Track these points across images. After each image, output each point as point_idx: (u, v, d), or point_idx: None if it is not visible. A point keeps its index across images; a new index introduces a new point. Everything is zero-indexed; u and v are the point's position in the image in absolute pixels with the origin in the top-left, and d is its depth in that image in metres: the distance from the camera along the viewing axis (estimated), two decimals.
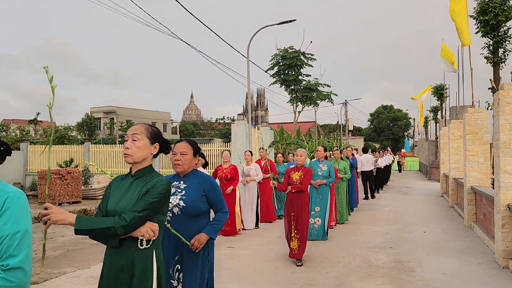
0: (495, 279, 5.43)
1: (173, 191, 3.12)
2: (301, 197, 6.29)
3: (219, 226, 3.25)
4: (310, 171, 6.44)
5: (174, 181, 3.24)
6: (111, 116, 53.49)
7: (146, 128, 2.54)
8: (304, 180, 6.28)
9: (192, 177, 3.25)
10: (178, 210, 3.13)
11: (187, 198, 3.14)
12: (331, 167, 7.90)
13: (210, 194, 3.23)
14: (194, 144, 3.29)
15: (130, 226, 2.25)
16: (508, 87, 5.94)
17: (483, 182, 9.08)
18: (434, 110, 29.05)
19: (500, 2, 12.97)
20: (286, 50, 21.39)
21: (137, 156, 2.46)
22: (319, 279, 5.47)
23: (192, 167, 3.27)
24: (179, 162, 3.18)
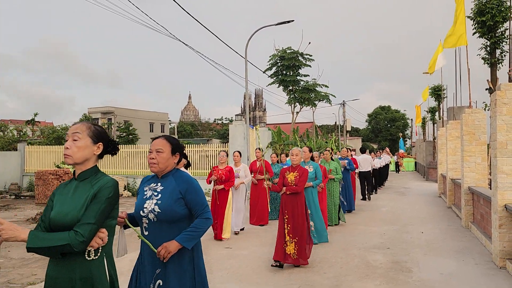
0: (492, 279, 5.44)
1: (149, 194, 2.87)
2: (296, 199, 6.00)
3: (195, 233, 2.81)
4: (306, 171, 6.15)
5: (151, 183, 2.94)
6: (109, 117, 53.37)
7: (88, 126, 2.38)
8: (299, 181, 6.00)
9: (170, 178, 2.91)
10: (153, 216, 2.79)
11: (162, 202, 2.79)
12: (318, 168, 7.54)
13: (188, 196, 2.84)
14: (173, 140, 2.97)
15: (88, 241, 2.14)
16: (505, 87, 5.95)
17: (480, 183, 9.10)
18: (432, 110, 29.12)
19: (497, 3, 13.01)
20: (284, 50, 21.43)
21: (77, 157, 2.29)
22: (317, 279, 5.47)
23: (171, 167, 2.93)
24: (154, 161, 2.85)
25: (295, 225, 5.93)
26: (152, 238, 2.79)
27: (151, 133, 57.28)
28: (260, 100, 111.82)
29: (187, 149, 17.25)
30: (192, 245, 2.82)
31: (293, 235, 5.93)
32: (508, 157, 5.90)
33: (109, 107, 55.50)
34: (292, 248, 5.90)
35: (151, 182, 2.95)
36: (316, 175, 7.45)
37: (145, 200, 2.85)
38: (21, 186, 19.71)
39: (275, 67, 21.79)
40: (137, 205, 2.88)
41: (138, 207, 2.86)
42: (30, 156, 20.13)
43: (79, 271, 2.17)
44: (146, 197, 2.86)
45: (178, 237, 2.75)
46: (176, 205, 2.80)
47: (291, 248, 5.91)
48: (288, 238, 5.92)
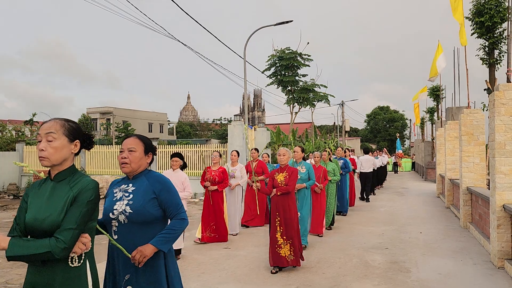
0: (491, 279, 5.45)
1: (119, 195, 2.70)
2: (287, 200, 5.80)
3: (171, 235, 2.67)
4: (296, 171, 5.93)
5: (122, 184, 2.78)
6: (108, 117, 53.35)
7: (62, 124, 2.21)
8: (289, 181, 5.80)
9: (143, 179, 2.75)
10: (124, 218, 2.63)
11: (134, 203, 2.64)
12: (310, 169, 7.14)
13: (162, 196, 2.69)
14: (145, 140, 2.83)
15: (70, 247, 2.03)
16: (504, 88, 5.96)
17: (478, 183, 9.11)
18: (430, 111, 29.18)
19: (496, 4, 13.05)
20: (283, 51, 21.46)
21: (55, 159, 2.15)
22: (315, 279, 5.47)
23: (143, 167, 2.79)
24: (126, 161, 2.69)
25: (289, 227, 5.75)
26: (122, 241, 2.62)
27: (150, 133, 57.25)
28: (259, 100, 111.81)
29: (186, 149, 17.24)
30: (169, 248, 2.68)
31: (287, 237, 5.74)
32: (507, 158, 5.91)
33: (108, 107, 55.46)
34: (287, 250, 5.73)
35: (121, 184, 2.79)
36: (309, 176, 7.08)
37: (115, 202, 2.70)
38: (19, 186, 19.69)
39: (274, 67, 21.83)
40: (105, 208, 2.71)
41: (106, 209, 2.70)
42: (29, 156, 20.10)
43: (60, 278, 2.07)
44: (116, 199, 2.70)
45: (154, 240, 2.61)
46: (149, 206, 2.64)
47: (286, 251, 5.73)
48: (282, 240, 5.73)
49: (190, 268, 6.06)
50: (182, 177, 6.50)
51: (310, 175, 7.09)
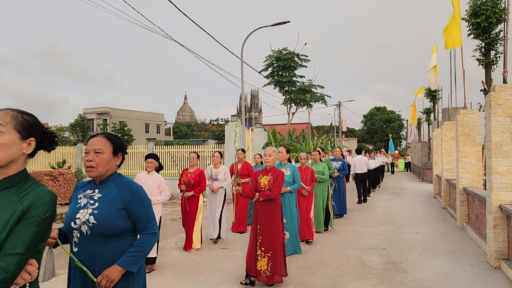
0: (487, 279, 5.46)
1: (84, 202, 2.36)
2: (269, 207, 5.19)
3: (141, 253, 2.36)
4: (282, 174, 5.31)
5: (87, 189, 2.45)
6: (104, 117, 53.26)
7: (13, 116, 1.77)
8: (273, 186, 5.19)
9: (111, 184, 2.42)
10: (87, 229, 2.29)
11: (99, 212, 2.30)
12: (296, 171, 6.64)
13: (132, 207, 2.36)
14: (114, 139, 2.48)
15: (13, 277, 1.60)
16: (500, 89, 5.98)
17: (475, 183, 9.14)
18: (427, 111, 29.24)
19: (492, 5, 13.11)
20: (280, 51, 21.48)
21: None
22: (312, 280, 5.47)
23: (112, 170, 2.46)
24: (91, 164, 2.35)
25: (270, 237, 5.14)
26: (83, 255, 2.30)
27: (147, 133, 57.17)
28: (256, 101, 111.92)
29: (184, 149, 17.22)
30: (138, 267, 2.37)
31: (266, 248, 5.12)
32: (503, 158, 5.93)
33: (104, 108, 55.37)
34: (264, 264, 5.10)
35: (86, 188, 2.46)
36: (294, 179, 6.58)
37: (78, 209, 2.36)
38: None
39: (271, 68, 21.84)
40: (68, 215, 2.39)
41: (69, 217, 2.37)
42: None
43: None
44: (80, 206, 2.37)
45: (121, 260, 2.29)
46: (116, 217, 2.32)
47: (262, 264, 5.10)
48: (259, 252, 5.13)
49: (188, 269, 6.05)
50: (158, 180, 6.10)
51: (295, 178, 6.59)
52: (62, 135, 31.73)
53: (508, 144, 5.91)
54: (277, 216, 5.23)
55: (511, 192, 5.89)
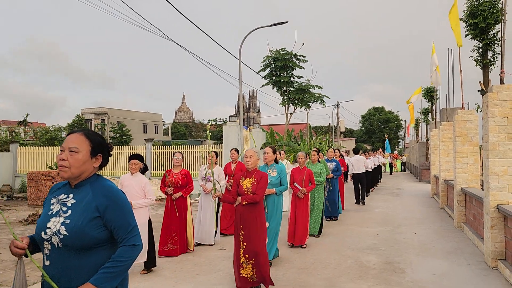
0: (484, 279, 5.48)
1: (56, 209, 2.11)
2: (253, 211, 4.92)
3: (118, 268, 2.06)
4: (265, 176, 5.05)
5: (61, 193, 2.17)
6: (102, 118, 53.18)
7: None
8: (257, 188, 4.93)
9: (87, 189, 2.15)
10: (58, 241, 2.03)
11: (71, 222, 2.03)
12: (283, 172, 6.31)
13: (109, 215, 2.09)
14: (93, 137, 2.22)
15: None
16: (497, 89, 6.00)
17: (472, 184, 9.16)
18: (425, 112, 29.30)
19: (489, 5, 13.14)
20: (278, 52, 21.47)
21: None
22: (310, 280, 5.47)
23: (89, 172, 2.19)
24: (64, 164, 2.10)
25: (254, 243, 4.88)
26: (55, 270, 2.04)
27: (145, 134, 57.13)
28: (254, 101, 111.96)
29: (182, 150, 17.20)
30: (116, 285, 2.09)
31: (249, 255, 4.88)
32: (500, 158, 5.95)
33: (102, 108, 55.32)
34: (250, 270, 4.90)
35: (61, 192, 2.19)
36: (280, 181, 6.26)
37: (49, 217, 2.10)
38: (13, 188, 19.57)
39: (269, 68, 21.83)
40: (38, 223, 2.14)
41: (39, 226, 2.11)
42: (23, 157, 19.99)
43: None
44: (52, 213, 2.11)
45: (94, 278, 2.01)
46: (90, 227, 2.05)
47: (248, 271, 4.90)
48: (243, 259, 4.90)
49: (185, 269, 6.05)
50: (143, 182, 5.82)
51: (281, 180, 6.26)
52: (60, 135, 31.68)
53: (505, 144, 5.93)
54: (260, 221, 4.99)
55: (508, 192, 5.91)
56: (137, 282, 5.46)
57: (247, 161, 5.10)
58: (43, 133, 26.51)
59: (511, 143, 5.92)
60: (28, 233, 9.06)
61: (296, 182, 7.32)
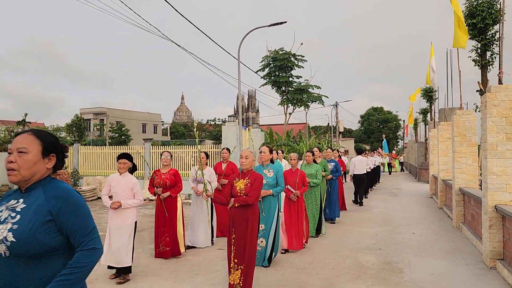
0: (483, 279, 5.49)
1: (4, 216, 1.92)
2: (246, 214, 4.73)
3: (74, 276, 1.86)
4: (260, 177, 4.85)
5: (11, 199, 2.00)
6: (101, 117, 53.17)
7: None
8: (251, 190, 4.74)
9: (39, 192, 1.97)
10: (5, 249, 1.84)
11: (20, 227, 1.85)
12: (279, 173, 6.10)
13: (63, 218, 1.91)
14: (44, 136, 2.04)
15: None
16: (495, 90, 6.01)
17: (471, 184, 9.18)
18: (424, 112, 29.34)
19: (488, 6, 13.16)
20: (277, 51, 21.49)
21: None
22: (309, 280, 5.48)
23: (40, 174, 2.01)
24: (12, 166, 1.94)
25: (244, 247, 4.70)
26: (2, 283, 1.85)
27: (144, 134, 57.12)
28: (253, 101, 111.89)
29: (180, 150, 17.20)
30: None
31: (239, 260, 4.69)
32: (498, 158, 5.96)
33: (101, 108, 55.30)
34: (237, 277, 4.70)
35: (10, 198, 2.02)
36: (277, 181, 6.09)
37: None
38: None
39: (268, 68, 21.85)
40: None
41: None
42: None
43: None
44: (0, 221, 1.92)
45: (49, 287, 1.81)
46: (41, 232, 1.86)
47: (235, 277, 4.70)
48: (233, 263, 4.71)
49: (184, 269, 6.05)
50: (131, 182, 5.64)
51: (278, 181, 6.09)
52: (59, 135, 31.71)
53: (503, 144, 5.94)
54: (254, 224, 4.77)
55: (507, 192, 5.92)
56: (135, 282, 5.46)
57: (242, 161, 4.93)
58: None
59: (509, 143, 5.93)
60: None
61: (289, 185, 7.05)
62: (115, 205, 5.50)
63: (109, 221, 5.62)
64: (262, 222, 5.95)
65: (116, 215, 5.55)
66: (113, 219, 5.58)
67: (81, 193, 15.91)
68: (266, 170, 6.12)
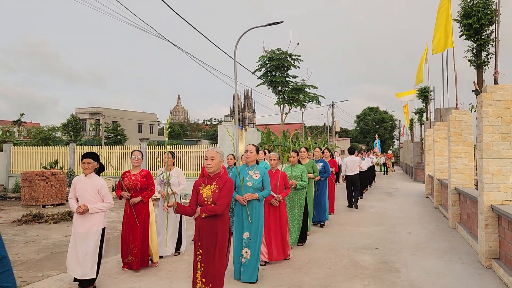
0: (478, 279, 5.51)
1: None
2: (214, 225, 4.00)
3: None
4: (229, 182, 4.12)
5: None
6: (97, 117, 52.99)
7: None
8: (219, 197, 4.00)
9: None
10: None
11: None
12: (266, 175, 5.47)
13: None
14: None
15: None
16: (491, 89, 6.03)
17: (467, 183, 9.21)
18: (420, 112, 29.46)
19: (483, 6, 13.22)
20: (273, 51, 21.50)
21: None
22: (305, 280, 5.48)
23: None
24: None
25: (212, 264, 4.02)
26: None
27: (140, 133, 56.99)
28: (249, 101, 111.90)
29: (176, 150, 17.17)
30: None
31: (206, 280, 4.01)
32: (494, 158, 5.98)
33: (97, 108, 55.11)
34: None
35: None
36: (263, 184, 5.44)
37: None
38: (6, 188, 19.43)
39: (264, 68, 21.85)
40: None
41: None
42: (16, 157, 19.86)
43: None
44: None
45: None
46: None
47: None
48: (200, 284, 4.04)
49: (180, 269, 6.04)
50: (98, 184, 5.11)
51: (264, 184, 5.45)
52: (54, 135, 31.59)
53: (499, 144, 5.97)
54: (224, 237, 4.07)
55: (502, 192, 5.95)
56: (132, 282, 5.44)
57: (207, 164, 4.13)
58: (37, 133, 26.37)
59: (505, 143, 5.95)
60: (21, 233, 9.01)
61: None
62: (80, 209, 4.95)
63: (74, 227, 5.07)
64: (246, 230, 5.34)
65: (82, 220, 5.02)
66: (78, 225, 5.04)
67: None
68: (252, 172, 5.51)
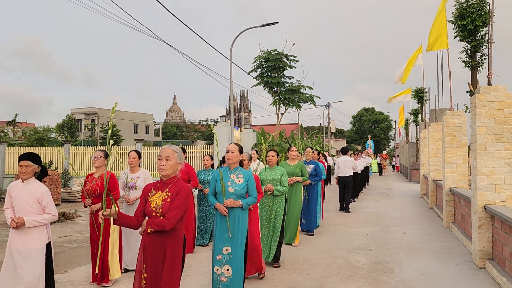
0: (472, 279, 5.53)
1: None
2: (163, 243, 3.19)
3: None
4: (186, 190, 3.26)
5: None
6: (92, 118, 52.81)
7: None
8: (171, 208, 3.16)
9: None
10: None
11: None
12: (250, 179, 4.70)
13: None
14: None
15: None
16: (485, 90, 6.07)
17: (461, 184, 9.25)
18: (415, 112, 29.55)
19: (477, 8, 13.29)
20: (269, 52, 21.50)
21: None
22: (300, 281, 5.48)
23: None
24: None
25: None
26: None
27: (135, 134, 56.82)
28: (245, 101, 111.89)
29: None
30: None
31: None
32: (487, 159, 6.01)
33: (92, 108, 54.92)
34: None
35: None
36: (248, 189, 4.69)
37: None
38: (1, 188, 19.33)
39: (260, 68, 21.85)
40: None
41: None
42: (11, 157, 19.77)
43: None
44: None
45: None
46: None
47: None
48: None
49: None
50: (38, 192, 4.12)
51: (249, 189, 4.69)
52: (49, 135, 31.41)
53: (492, 145, 6.00)
54: (175, 258, 3.22)
55: (496, 192, 5.98)
56: (125, 284, 5.42)
57: (161, 165, 3.29)
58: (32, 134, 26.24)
59: (498, 144, 5.98)
60: None
61: None
62: (13, 223, 3.95)
63: (10, 244, 4.08)
64: (227, 244, 4.53)
65: (19, 237, 4.02)
66: (14, 241, 4.04)
67: (72, 193, 15.78)
68: (234, 175, 4.69)
